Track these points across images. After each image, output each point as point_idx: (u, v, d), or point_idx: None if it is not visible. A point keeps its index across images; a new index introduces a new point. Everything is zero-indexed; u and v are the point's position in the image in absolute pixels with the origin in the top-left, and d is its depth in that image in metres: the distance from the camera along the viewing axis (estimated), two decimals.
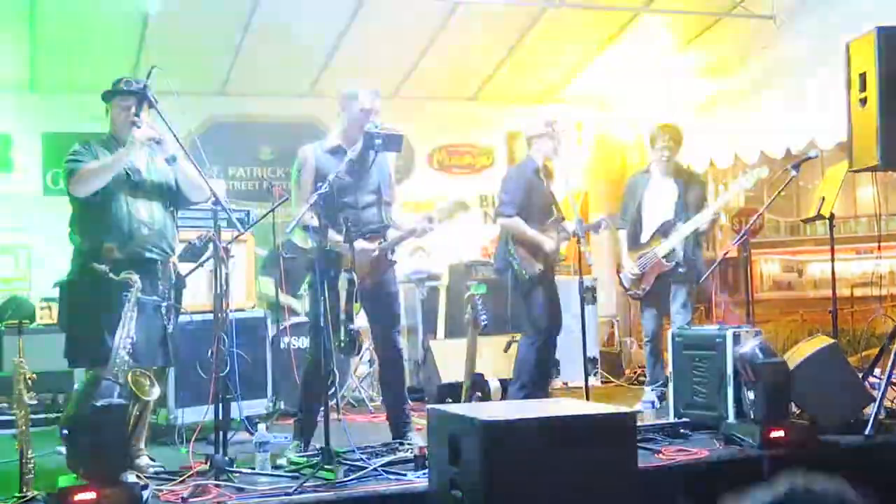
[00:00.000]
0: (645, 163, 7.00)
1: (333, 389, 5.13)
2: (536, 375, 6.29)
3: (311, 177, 5.27)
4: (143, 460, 4.84)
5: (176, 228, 5.10)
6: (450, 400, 6.26)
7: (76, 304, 4.83)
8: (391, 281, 5.49)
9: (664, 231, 6.68)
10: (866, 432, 5.15)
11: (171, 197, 5.03)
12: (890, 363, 5.48)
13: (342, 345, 4.88)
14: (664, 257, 6.60)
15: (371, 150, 5.18)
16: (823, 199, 6.57)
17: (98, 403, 3.96)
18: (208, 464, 4.57)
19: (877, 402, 5.33)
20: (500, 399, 6.51)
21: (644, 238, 6.79)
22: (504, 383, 6.62)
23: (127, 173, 4.83)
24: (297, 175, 5.42)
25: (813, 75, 7.34)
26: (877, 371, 5.98)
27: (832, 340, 5.79)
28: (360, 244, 5.16)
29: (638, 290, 6.79)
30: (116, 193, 4.79)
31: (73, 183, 4.77)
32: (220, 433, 4.75)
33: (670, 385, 5.92)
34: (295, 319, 7.18)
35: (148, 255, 4.85)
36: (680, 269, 6.61)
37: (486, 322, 5.49)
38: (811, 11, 7.55)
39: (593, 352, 8.27)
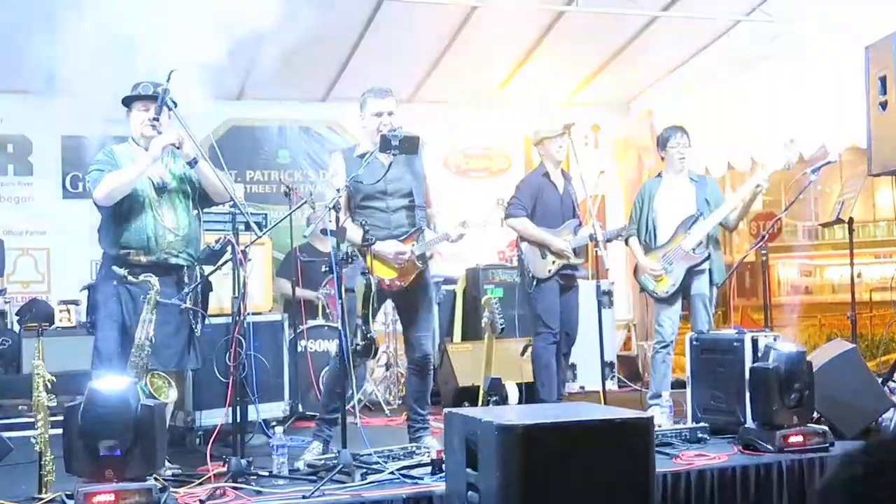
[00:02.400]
0: (662, 166, 6.91)
1: (350, 392, 5.13)
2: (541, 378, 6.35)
3: (340, 182, 5.28)
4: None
5: (201, 231, 5.11)
6: (466, 403, 6.25)
7: (98, 306, 4.88)
8: (424, 285, 5.47)
9: (687, 225, 6.39)
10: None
11: (195, 198, 5.02)
12: None
13: (357, 348, 4.88)
14: (693, 249, 6.31)
15: (387, 152, 5.14)
16: (843, 203, 6.53)
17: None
18: (226, 467, 4.59)
19: None
20: (517, 402, 6.51)
21: (662, 239, 6.48)
22: (521, 387, 6.62)
23: (150, 180, 4.85)
24: (330, 180, 5.43)
25: (828, 80, 7.30)
26: None
27: (851, 345, 5.76)
28: (393, 246, 5.19)
29: (664, 290, 6.41)
30: (142, 201, 4.81)
31: (97, 193, 4.78)
32: (238, 436, 4.77)
33: (688, 389, 5.89)
34: (312, 322, 7.20)
35: (174, 260, 4.87)
36: (709, 261, 6.34)
37: (503, 325, 5.50)
38: (830, 16, 7.52)
39: (610, 356, 8.24)
